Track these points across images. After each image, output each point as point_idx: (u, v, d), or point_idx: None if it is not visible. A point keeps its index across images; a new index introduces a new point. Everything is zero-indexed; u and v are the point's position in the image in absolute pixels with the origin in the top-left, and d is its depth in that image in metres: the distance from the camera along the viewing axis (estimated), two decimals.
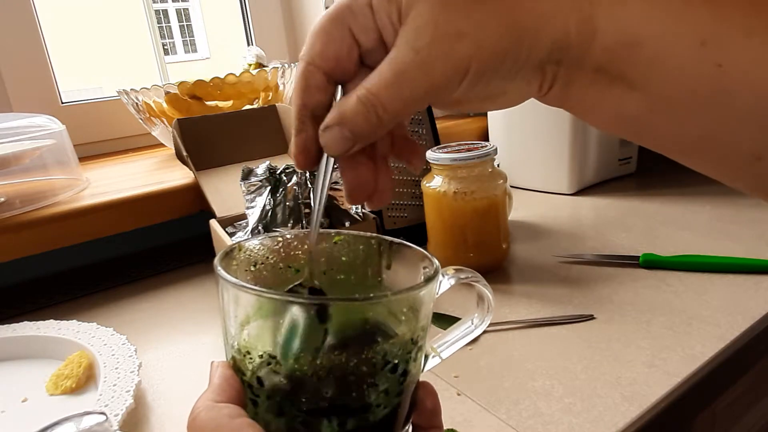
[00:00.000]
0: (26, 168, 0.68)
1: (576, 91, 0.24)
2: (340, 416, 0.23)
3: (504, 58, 0.22)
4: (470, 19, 0.22)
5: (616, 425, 0.34)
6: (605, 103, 0.24)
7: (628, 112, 0.23)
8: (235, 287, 0.23)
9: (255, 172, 0.53)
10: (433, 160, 0.54)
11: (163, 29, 9.59)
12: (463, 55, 0.22)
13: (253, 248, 0.28)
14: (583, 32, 0.22)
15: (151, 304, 0.60)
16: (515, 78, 0.23)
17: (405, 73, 0.22)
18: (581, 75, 0.24)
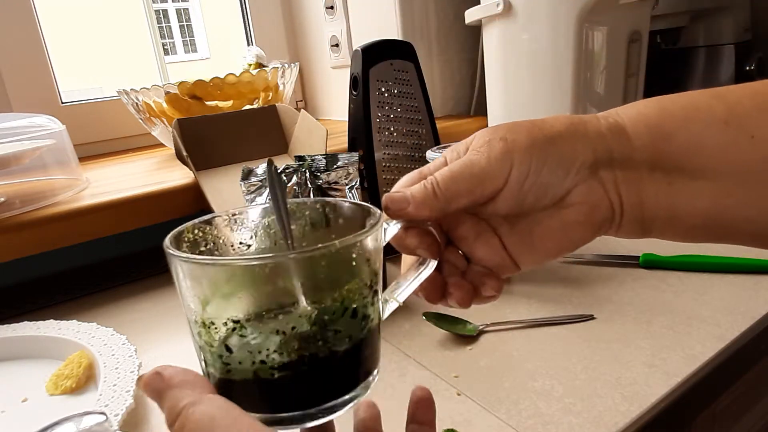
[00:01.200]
0: (26, 168, 0.68)
1: (647, 198, 0.26)
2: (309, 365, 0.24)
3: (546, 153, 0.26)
4: (510, 132, 0.27)
5: (616, 425, 0.34)
6: (681, 203, 0.26)
7: (704, 204, 0.25)
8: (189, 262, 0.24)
9: (255, 172, 0.53)
10: (433, 161, 0.54)
11: (163, 29, 9.59)
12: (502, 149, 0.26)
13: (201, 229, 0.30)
14: (617, 133, 0.26)
15: (151, 304, 0.60)
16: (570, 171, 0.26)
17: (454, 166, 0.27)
18: (640, 177, 0.26)
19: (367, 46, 0.62)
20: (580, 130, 0.27)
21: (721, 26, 0.95)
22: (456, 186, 0.27)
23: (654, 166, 0.26)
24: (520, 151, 0.26)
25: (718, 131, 0.24)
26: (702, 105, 0.25)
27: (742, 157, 0.24)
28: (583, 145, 0.26)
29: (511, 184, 0.27)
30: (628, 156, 0.26)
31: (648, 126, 0.26)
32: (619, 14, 0.72)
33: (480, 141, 0.27)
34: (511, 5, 0.74)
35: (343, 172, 0.53)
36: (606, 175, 0.27)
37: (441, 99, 1.04)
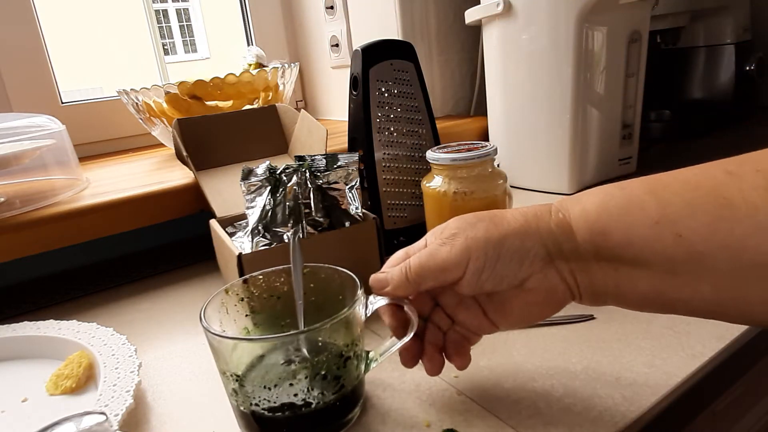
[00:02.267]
0: (26, 168, 0.68)
1: (600, 281, 0.31)
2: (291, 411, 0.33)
3: (499, 250, 0.31)
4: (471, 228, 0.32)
5: (616, 425, 0.34)
6: (625, 285, 0.30)
7: (643, 288, 0.29)
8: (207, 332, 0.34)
9: (255, 172, 0.53)
10: (433, 160, 0.54)
11: (163, 29, 9.59)
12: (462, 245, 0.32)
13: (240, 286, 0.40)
14: (564, 230, 0.31)
15: (151, 304, 0.60)
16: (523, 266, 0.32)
17: (422, 254, 0.33)
18: (589, 265, 0.31)
19: (367, 46, 0.62)
20: (532, 227, 0.32)
21: (721, 26, 0.95)
22: (424, 273, 0.33)
23: (598, 257, 0.30)
24: (476, 248, 0.32)
25: (648, 229, 0.28)
26: (637, 203, 0.29)
27: (670, 252, 0.27)
28: (535, 241, 0.31)
29: (468, 275, 0.32)
30: (575, 249, 0.31)
31: (588, 223, 0.30)
32: (619, 14, 0.72)
33: (447, 233, 0.33)
34: (511, 5, 0.74)
35: (343, 172, 0.53)
36: (561, 264, 0.32)
37: (441, 99, 1.04)
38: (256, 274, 0.40)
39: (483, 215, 0.33)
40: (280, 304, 0.41)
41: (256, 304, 0.40)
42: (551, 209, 0.32)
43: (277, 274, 0.41)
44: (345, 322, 0.34)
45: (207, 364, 0.47)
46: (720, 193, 0.26)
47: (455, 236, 0.32)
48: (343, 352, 0.35)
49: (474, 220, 0.33)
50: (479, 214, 0.33)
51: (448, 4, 0.99)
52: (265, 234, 0.52)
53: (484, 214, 0.33)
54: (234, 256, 0.48)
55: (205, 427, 0.38)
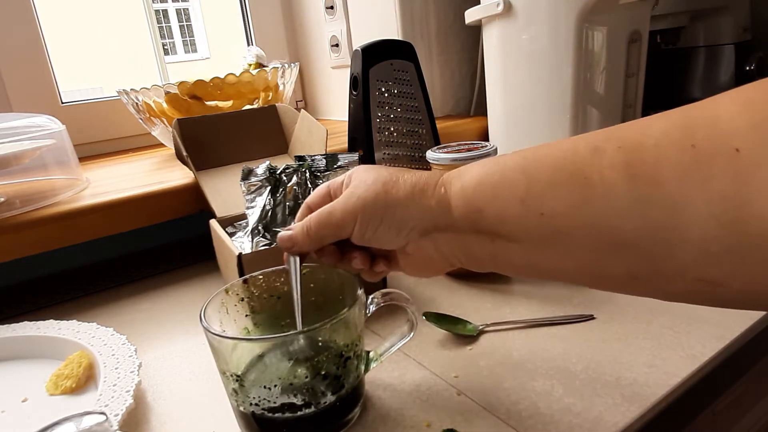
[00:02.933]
0: (26, 168, 0.68)
1: (477, 251, 0.33)
2: (291, 411, 0.34)
3: (382, 216, 0.34)
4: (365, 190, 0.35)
5: (616, 425, 0.34)
6: (500, 256, 0.32)
7: (518, 259, 0.31)
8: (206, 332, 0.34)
9: (255, 172, 0.53)
10: (433, 160, 0.54)
11: (163, 29, 9.59)
12: (352, 207, 0.35)
13: (240, 286, 0.40)
14: (443, 207, 0.33)
15: (151, 304, 0.60)
16: (401, 233, 0.35)
17: (321, 212, 0.36)
18: (467, 236, 0.33)
19: (367, 46, 0.62)
20: (415, 202, 0.34)
21: (721, 26, 0.95)
22: (321, 231, 0.36)
23: (475, 230, 0.32)
24: (363, 211, 0.35)
25: (516, 208, 0.29)
26: (508, 181, 0.30)
27: (535, 230, 0.29)
28: (413, 215, 0.34)
29: (355, 234, 0.36)
30: (452, 224, 0.33)
31: (464, 200, 0.32)
32: (619, 14, 0.72)
33: (346, 192, 0.36)
34: (511, 5, 0.74)
35: (342, 172, 0.53)
36: (437, 236, 0.34)
37: (441, 99, 1.04)
38: (256, 274, 0.40)
39: (380, 176, 0.36)
40: (280, 304, 0.41)
41: (256, 304, 0.40)
42: (437, 183, 0.34)
43: (277, 274, 0.41)
44: (345, 323, 0.34)
45: (207, 364, 0.47)
46: (582, 172, 0.27)
47: (350, 195, 0.36)
48: (343, 352, 0.35)
49: (371, 181, 0.35)
50: (379, 174, 0.36)
51: (448, 4, 0.99)
52: (265, 234, 0.52)
53: (382, 175, 0.36)
54: (234, 256, 0.48)
55: (205, 427, 0.38)
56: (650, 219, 0.25)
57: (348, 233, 0.36)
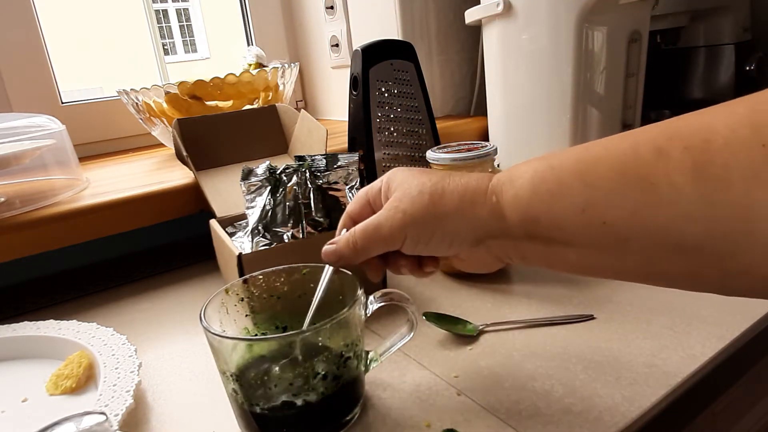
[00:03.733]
0: (26, 168, 0.68)
1: (531, 255, 0.33)
2: (290, 411, 0.34)
3: (432, 232, 0.34)
4: (411, 204, 0.34)
5: (616, 425, 0.34)
6: (555, 258, 0.32)
7: (574, 261, 0.31)
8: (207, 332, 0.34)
9: (255, 172, 0.53)
10: (433, 160, 0.54)
11: (163, 29, 9.59)
12: (401, 222, 0.34)
13: (240, 286, 0.40)
14: (496, 216, 0.32)
15: (151, 304, 0.60)
16: (453, 244, 0.34)
17: (368, 226, 0.36)
18: (521, 243, 0.33)
19: (367, 46, 0.62)
20: (466, 214, 0.33)
21: (721, 26, 0.95)
22: (368, 244, 0.36)
23: (529, 237, 0.32)
24: (413, 226, 0.34)
25: (576, 217, 0.29)
26: (566, 189, 0.29)
27: (597, 237, 0.28)
28: (466, 226, 0.34)
29: (405, 248, 0.35)
30: (505, 232, 0.33)
31: (519, 209, 0.31)
32: (619, 14, 0.72)
33: (390, 204, 0.36)
34: (511, 5, 0.74)
35: (343, 172, 0.53)
36: (490, 242, 0.34)
37: (441, 99, 1.04)
38: (256, 274, 0.40)
39: (424, 186, 0.35)
40: (279, 305, 0.41)
41: (255, 305, 0.40)
42: (487, 192, 0.33)
43: (277, 274, 0.41)
44: (345, 323, 0.34)
45: (207, 364, 0.47)
46: (646, 176, 0.26)
47: (396, 209, 0.35)
48: (343, 352, 0.35)
49: (416, 192, 0.35)
50: (422, 183, 0.35)
51: (448, 4, 0.99)
52: (265, 234, 0.52)
53: (426, 185, 0.35)
54: (234, 256, 0.48)
55: (205, 427, 0.38)
56: (718, 221, 0.24)
57: (398, 247, 0.35)
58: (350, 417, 0.37)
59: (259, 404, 0.34)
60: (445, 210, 0.34)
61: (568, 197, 0.29)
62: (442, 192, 0.34)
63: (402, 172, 0.37)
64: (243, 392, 0.34)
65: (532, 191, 0.31)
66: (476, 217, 0.33)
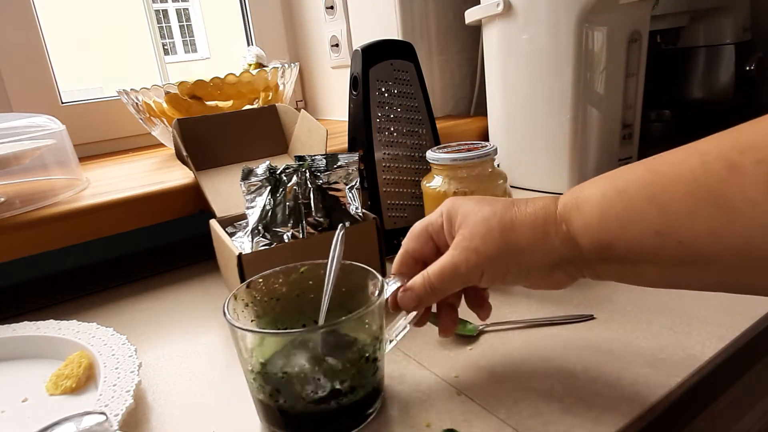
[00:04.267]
0: (26, 168, 0.68)
1: (606, 274, 0.33)
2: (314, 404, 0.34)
3: (507, 267, 0.34)
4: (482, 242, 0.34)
5: (616, 425, 0.34)
6: (633, 276, 0.32)
7: (651, 277, 0.31)
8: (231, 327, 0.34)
9: (255, 172, 0.53)
10: (433, 160, 0.54)
11: (163, 29, 9.59)
12: (475, 263, 0.35)
13: (244, 291, 0.40)
14: (568, 245, 0.33)
15: (151, 304, 0.60)
16: (531, 275, 0.35)
17: (444, 268, 0.36)
18: (596, 265, 0.33)
19: (367, 46, 0.62)
20: (539, 246, 0.33)
21: (721, 26, 0.95)
22: (445, 285, 0.36)
23: (604, 260, 0.32)
24: (488, 264, 0.34)
25: (651, 239, 0.29)
26: (637, 214, 0.29)
27: (674, 256, 0.28)
28: (541, 258, 0.34)
29: (483, 284, 0.36)
30: (580, 257, 0.33)
31: (590, 236, 0.32)
32: (619, 14, 0.72)
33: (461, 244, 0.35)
34: (511, 5, 0.74)
35: (343, 172, 0.53)
36: (566, 267, 0.34)
37: (441, 99, 1.04)
38: (256, 278, 0.40)
39: (491, 222, 0.34)
40: (279, 307, 0.41)
41: (259, 309, 0.40)
42: (556, 220, 0.33)
43: (275, 275, 0.41)
44: (372, 313, 0.35)
45: (207, 364, 0.47)
46: (721, 195, 0.26)
47: (468, 249, 0.35)
48: (365, 346, 0.36)
49: (484, 230, 0.34)
50: (487, 219, 0.35)
51: (448, 4, 0.99)
52: (265, 234, 0.52)
53: (493, 221, 0.34)
54: (234, 256, 0.48)
55: (205, 427, 0.38)
56: None
57: (474, 282, 0.36)
58: (372, 410, 0.37)
59: (286, 400, 0.34)
60: (519, 245, 0.34)
61: (641, 222, 0.29)
62: (512, 226, 0.34)
63: (463, 204, 0.37)
64: (266, 387, 0.34)
65: (601, 218, 0.31)
66: (550, 247, 0.33)
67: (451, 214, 0.37)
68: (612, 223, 0.30)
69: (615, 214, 0.30)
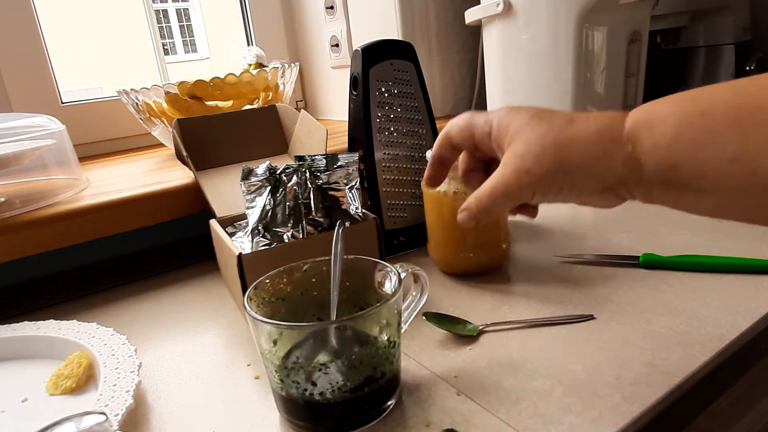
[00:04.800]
0: (26, 168, 0.68)
1: (661, 198, 0.31)
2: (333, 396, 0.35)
3: (560, 187, 0.33)
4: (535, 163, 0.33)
5: (616, 425, 0.34)
6: (689, 203, 0.30)
7: (710, 206, 0.29)
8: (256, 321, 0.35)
9: (255, 172, 0.53)
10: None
11: (163, 29, 9.59)
12: (528, 183, 0.33)
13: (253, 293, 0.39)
14: (630, 166, 0.31)
15: (151, 304, 0.60)
16: (582, 195, 0.34)
17: (495, 188, 0.35)
18: (653, 188, 0.31)
19: (367, 46, 0.62)
20: (597, 165, 0.32)
21: (721, 26, 0.95)
22: (496, 205, 0.36)
23: (664, 184, 0.30)
24: (540, 184, 0.33)
25: (722, 166, 0.27)
26: (717, 140, 0.27)
27: (741, 186, 0.27)
28: (596, 178, 0.32)
29: (534, 201, 0.35)
30: (639, 179, 0.31)
31: (658, 158, 0.29)
32: (619, 14, 0.72)
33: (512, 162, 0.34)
34: (511, 5, 0.74)
35: (343, 172, 0.53)
36: (620, 189, 0.32)
37: (441, 99, 1.04)
38: (263, 279, 0.40)
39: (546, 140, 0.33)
40: (284, 307, 0.41)
41: (267, 310, 0.40)
42: (621, 140, 0.31)
43: (279, 276, 0.41)
44: (385, 311, 0.35)
45: (207, 363, 0.47)
46: None
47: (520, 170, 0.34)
48: (388, 337, 0.36)
49: (537, 148, 0.33)
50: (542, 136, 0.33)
51: (448, 4, 0.99)
52: (265, 234, 0.52)
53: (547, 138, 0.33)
54: (234, 256, 0.48)
55: (205, 427, 0.38)
56: None
57: (525, 201, 0.35)
58: (388, 404, 0.37)
59: (306, 390, 0.34)
60: (575, 165, 0.32)
61: (718, 147, 0.27)
62: (569, 144, 0.32)
63: (516, 117, 0.35)
64: (287, 379, 0.35)
65: (674, 139, 0.29)
66: (609, 168, 0.31)
67: (501, 125, 0.35)
68: (685, 145, 0.28)
69: (691, 136, 0.28)
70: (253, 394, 0.42)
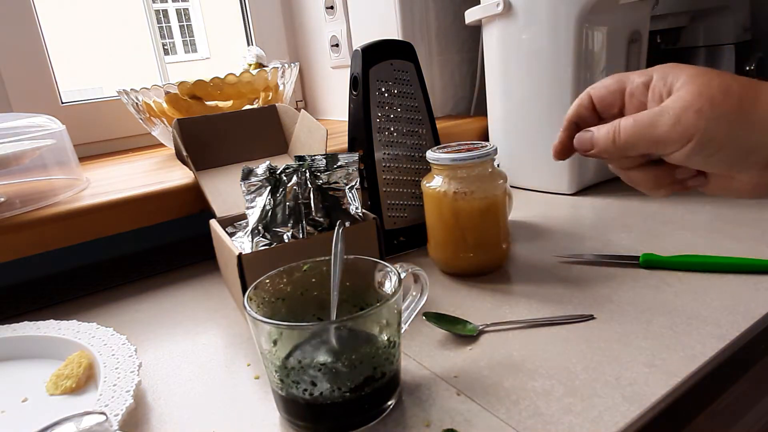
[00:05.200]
0: (26, 168, 0.68)
1: None
2: (331, 396, 0.35)
3: (727, 139, 0.28)
4: (710, 105, 0.28)
5: (616, 425, 0.34)
6: None
7: None
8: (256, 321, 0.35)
9: (255, 172, 0.53)
10: (433, 160, 0.54)
11: (163, 29, 9.59)
12: (693, 122, 0.28)
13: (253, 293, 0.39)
14: None
15: (151, 304, 0.60)
16: (743, 162, 0.29)
17: (641, 120, 0.30)
18: None
19: (367, 46, 0.62)
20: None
21: (721, 26, 0.95)
22: (633, 142, 0.30)
23: None
24: (705, 132, 0.28)
25: None
26: None
27: None
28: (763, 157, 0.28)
29: (678, 156, 0.29)
30: None
31: None
32: (619, 14, 0.72)
33: (676, 102, 0.29)
34: (511, 5, 0.74)
35: (343, 172, 0.53)
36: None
37: (441, 99, 1.04)
38: (263, 279, 0.40)
39: (731, 89, 0.28)
40: (284, 307, 0.41)
41: (267, 310, 0.40)
42: None
43: (279, 276, 0.41)
44: (385, 310, 0.35)
45: (207, 364, 0.47)
46: None
47: (688, 107, 0.28)
48: (388, 337, 0.36)
49: (717, 92, 0.28)
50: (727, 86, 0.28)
51: (448, 4, 0.99)
52: (265, 234, 0.52)
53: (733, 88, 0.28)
54: (234, 256, 0.48)
55: (205, 427, 0.38)
56: None
57: (669, 151, 0.30)
58: (388, 404, 0.37)
59: (306, 390, 0.34)
60: (757, 116, 0.27)
61: None
62: (755, 96, 0.28)
63: (686, 67, 0.31)
64: (286, 379, 0.35)
65: None
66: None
67: (666, 74, 0.31)
68: None
69: None
70: (253, 394, 0.42)
